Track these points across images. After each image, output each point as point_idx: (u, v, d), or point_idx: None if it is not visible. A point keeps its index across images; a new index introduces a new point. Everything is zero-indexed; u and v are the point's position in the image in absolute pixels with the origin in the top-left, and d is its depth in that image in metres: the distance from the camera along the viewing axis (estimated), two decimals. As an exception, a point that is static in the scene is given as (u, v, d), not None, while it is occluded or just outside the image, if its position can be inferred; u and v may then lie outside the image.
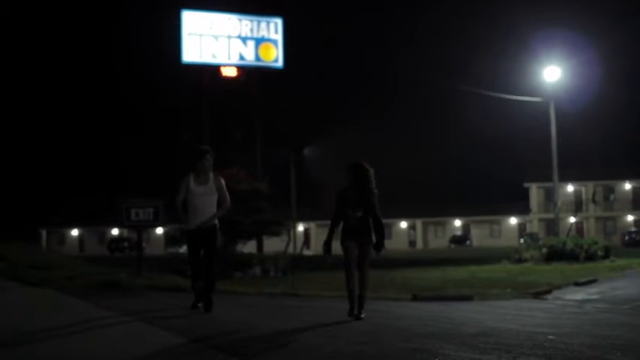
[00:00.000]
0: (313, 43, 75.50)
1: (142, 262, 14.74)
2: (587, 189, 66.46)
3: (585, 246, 25.48)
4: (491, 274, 19.41)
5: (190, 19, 31.16)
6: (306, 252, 46.69)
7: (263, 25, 31.85)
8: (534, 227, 66.55)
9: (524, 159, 68.72)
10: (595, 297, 13.97)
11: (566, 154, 37.27)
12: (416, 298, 12.74)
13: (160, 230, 59.40)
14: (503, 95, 38.46)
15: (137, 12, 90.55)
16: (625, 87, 73.82)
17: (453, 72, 76.68)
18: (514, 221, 72.69)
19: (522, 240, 46.29)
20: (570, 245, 25.29)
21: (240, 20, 31.65)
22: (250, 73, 31.80)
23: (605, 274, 19.26)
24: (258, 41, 31.67)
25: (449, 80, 77.79)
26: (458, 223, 75.30)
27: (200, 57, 31.01)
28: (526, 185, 69.49)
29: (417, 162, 73.64)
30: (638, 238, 56.46)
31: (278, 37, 31.99)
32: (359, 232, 8.54)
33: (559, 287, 15.43)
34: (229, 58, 31.25)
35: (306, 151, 60.95)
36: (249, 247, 25.61)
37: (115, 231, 71.11)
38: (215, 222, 9.36)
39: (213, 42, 31.10)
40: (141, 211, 14.31)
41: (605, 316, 10.57)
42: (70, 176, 74.84)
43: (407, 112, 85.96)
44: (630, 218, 67.11)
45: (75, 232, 79.24)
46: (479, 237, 72.54)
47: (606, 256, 25.68)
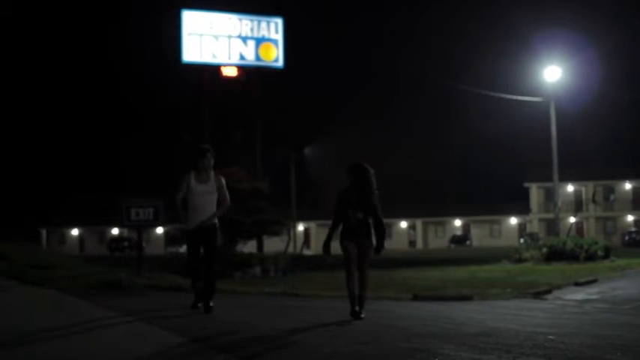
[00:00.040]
0: (313, 43, 75.54)
1: (142, 262, 14.76)
2: (587, 189, 66.46)
3: (585, 246, 25.47)
4: (491, 274, 19.41)
5: (190, 19, 31.15)
6: (306, 252, 46.66)
7: (263, 25, 31.85)
8: (534, 227, 66.54)
9: (524, 159, 68.80)
10: (595, 297, 13.97)
11: (566, 154, 37.29)
12: (416, 298, 12.74)
13: (160, 230, 59.39)
14: (503, 95, 38.47)
15: (137, 12, 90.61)
16: (625, 87, 73.87)
17: (454, 72, 76.75)
18: (514, 221, 72.70)
19: (522, 240, 46.25)
20: (570, 245, 25.28)
21: (240, 20, 31.65)
22: (250, 73, 31.79)
23: (605, 274, 19.26)
24: (258, 41, 31.66)
25: (449, 80, 77.81)
26: (458, 223, 75.30)
27: (200, 57, 31.01)
28: (526, 185, 69.49)
29: (417, 162, 73.67)
30: (638, 238, 56.44)
31: (278, 37, 31.98)
32: (359, 234, 8.50)
33: (559, 287, 15.43)
34: (230, 58, 31.24)
35: (306, 151, 61.00)
36: (249, 247, 25.60)
37: (115, 231, 71.10)
38: (215, 221, 9.29)
39: (213, 42, 31.10)
40: (141, 211, 14.34)
41: (605, 316, 10.58)
42: (71, 176, 74.90)
43: (407, 112, 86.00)
44: (630, 218, 67.10)
45: (75, 232, 79.25)
46: (479, 237, 72.54)
47: (606, 256, 25.68)
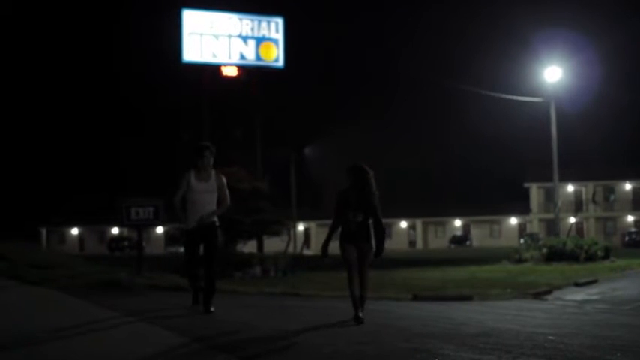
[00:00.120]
0: (314, 43, 75.53)
1: (142, 262, 14.77)
2: (587, 189, 66.45)
3: (585, 246, 25.46)
4: (491, 274, 19.41)
5: (191, 19, 31.15)
6: (306, 252, 46.68)
7: (264, 25, 31.85)
8: (534, 227, 66.53)
9: (524, 159, 68.77)
10: (595, 297, 13.97)
11: (566, 155, 37.28)
12: (416, 298, 12.74)
13: (160, 229, 59.41)
14: (503, 95, 38.46)
15: (137, 12, 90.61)
16: (625, 87, 73.79)
17: (454, 72, 76.72)
18: (514, 221, 72.68)
19: (522, 240, 46.23)
20: (570, 245, 25.28)
21: (240, 20, 31.65)
22: (251, 73, 31.79)
23: (605, 275, 19.26)
24: (258, 41, 31.66)
25: (449, 80, 77.77)
26: (458, 223, 75.30)
27: (200, 56, 31.00)
28: (526, 185, 69.47)
29: (417, 162, 73.68)
30: (638, 239, 56.41)
31: (279, 37, 31.98)
32: (358, 237, 8.41)
33: (559, 287, 15.43)
34: (230, 58, 31.24)
35: (306, 151, 61.03)
36: (249, 247, 25.59)
37: (115, 230, 71.08)
38: (215, 220, 9.15)
39: (213, 41, 31.09)
40: (141, 211, 14.35)
41: (605, 317, 10.57)
42: (71, 175, 74.94)
43: (407, 112, 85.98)
44: (630, 219, 67.09)
45: (75, 231, 79.26)
46: (479, 237, 72.53)
47: (606, 257, 25.68)
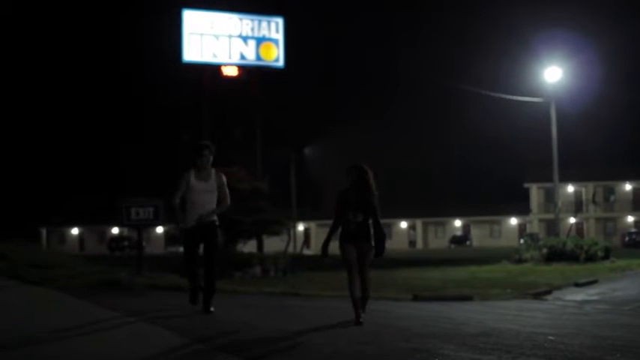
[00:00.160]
0: (314, 43, 75.56)
1: (142, 261, 14.76)
2: (587, 189, 66.44)
3: (585, 247, 25.45)
4: (491, 275, 19.40)
5: (191, 19, 31.16)
6: (306, 251, 46.67)
7: (264, 25, 31.86)
8: (534, 228, 66.53)
9: (524, 159, 68.78)
10: (595, 298, 13.97)
11: (566, 155, 37.25)
12: (416, 298, 12.73)
13: (160, 229, 59.39)
14: (504, 95, 38.43)
15: (138, 11, 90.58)
16: (626, 87, 73.72)
17: (454, 72, 76.65)
18: (514, 221, 72.69)
19: (522, 240, 46.28)
20: (570, 246, 25.27)
21: (241, 20, 31.66)
22: (251, 73, 31.80)
23: (605, 275, 19.25)
24: (259, 40, 31.67)
25: (449, 80, 77.79)
26: (458, 223, 75.31)
27: (201, 56, 31.02)
28: (526, 185, 69.47)
29: (417, 162, 73.69)
30: (638, 239, 56.39)
31: (279, 37, 32.00)
32: (358, 237, 8.36)
33: (559, 288, 15.43)
34: (230, 58, 31.25)
35: (306, 151, 61.02)
36: (249, 247, 25.59)
37: (115, 230, 71.05)
38: (215, 219, 9.03)
39: (214, 41, 31.10)
40: (141, 210, 14.35)
41: (605, 317, 10.57)
42: (71, 175, 74.94)
43: (407, 112, 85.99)
44: (630, 219, 67.09)
45: (75, 231, 79.25)
46: (479, 237, 72.53)
47: (606, 257, 25.67)
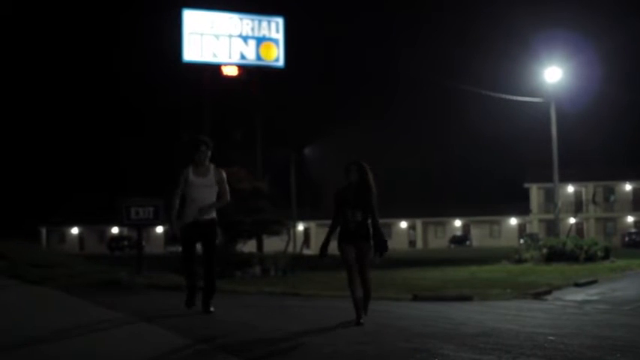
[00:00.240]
0: (314, 43, 75.57)
1: (142, 261, 14.78)
2: (587, 190, 66.46)
3: (585, 247, 25.43)
4: (491, 275, 19.38)
5: (191, 18, 31.16)
6: (306, 251, 46.66)
7: (264, 25, 31.86)
8: (534, 228, 66.53)
9: (524, 159, 68.81)
10: (595, 298, 13.96)
11: (566, 155, 37.25)
12: (416, 298, 12.72)
13: (160, 229, 59.41)
14: (504, 95, 38.41)
15: (138, 11, 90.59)
16: (625, 87, 73.83)
17: (454, 72, 76.69)
18: (514, 222, 72.71)
19: (522, 240, 46.23)
20: (570, 246, 25.24)
21: (241, 19, 31.66)
22: (251, 73, 31.78)
23: (605, 275, 19.23)
24: (259, 40, 31.67)
25: (449, 80, 77.80)
26: (458, 224, 75.32)
27: (201, 56, 31.02)
28: (526, 186, 69.49)
29: (417, 162, 73.73)
30: (638, 239, 56.44)
31: (279, 37, 31.99)
32: (357, 237, 8.27)
33: (559, 288, 15.41)
34: (230, 57, 31.25)
35: (306, 151, 61.01)
36: (249, 247, 25.59)
37: (115, 230, 71.06)
38: (213, 216, 8.89)
39: (214, 41, 31.10)
40: (141, 210, 14.38)
41: (605, 317, 10.56)
42: (71, 175, 74.92)
43: (407, 112, 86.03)
44: (630, 219, 67.11)
45: (75, 231, 79.25)
46: (479, 237, 72.55)
47: (606, 257, 25.65)
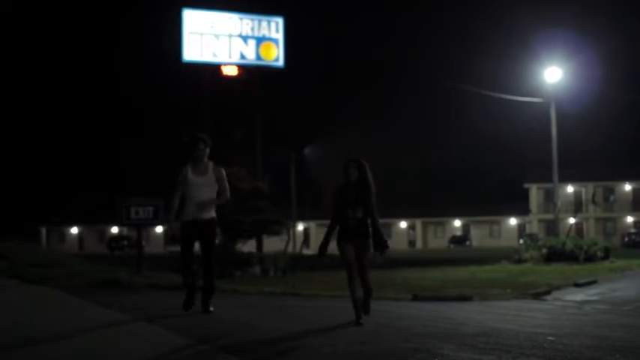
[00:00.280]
0: (314, 43, 75.56)
1: (142, 261, 14.79)
2: (587, 190, 66.47)
3: (585, 247, 25.40)
4: (491, 275, 19.36)
5: (191, 18, 31.13)
6: (305, 251, 46.66)
7: (264, 24, 31.84)
8: (534, 228, 66.56)
9: (524, 159, 68.82)
10: (595, 298, 13.95)
11: (566, 155, 37.24)
12: (416, 298, 12.72)
13: (160, 229, 59.38)
14: (503, 96, 38.41)
15: (138, 11, 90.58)
16: (625, 87, 73.82)
17: (454, 72, 76.68)
18: (514, 222, 72.72)
19: (522, 240, 46.31)
20: (570, 246, 25.23)
21: (241, 19, 31.64)
22: (251, 72, 31.75)
23: (604, 275, 19.22)
24: (259, 40, 31.65)
25: (449, 80, 77.79)
26: (458, 224, 75.33)
27: (201, 56, 30.99)
28: (526, 186, 69.50)
29: (417, 162, 73.73)
30: (637, 240, 56.44)
31: (279, 37, 31.97)
32: (357, 235, 8.16)
33: (559, 288, 15.39)
34: (230, 57, 31.22)
35: (306, 151, 61.01)
36: (248, 247, 25.58)
37: (115, 229, 71.05)
38: (213, 215, 8.81)
39: (214, 41, 31.08)
40: (141, 210, 14.40)
41: (604, 317, 10.56)
42: (70, 175, 74.93)
43: (407, 112, 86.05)
44: (630, 219, 67.11)
45: (75, 230, 79.24)
46: (478, 237, 72.55)
47: (606, 257, 25.63)
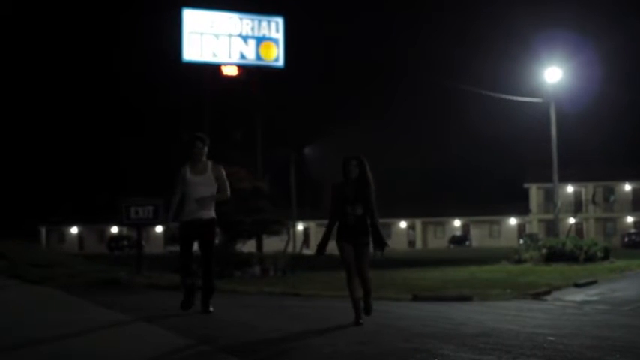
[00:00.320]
0: (314, 43, 75.55)
1: (142, 261, 14.81)
2: (587, 190, 66.47)
3: (585, 247, 25.40)
4: (491, 275, 19.36)
5: (191, 18, 31.13)
6: (305, 251, 46.67)
7: (264, 24, 31.84)
8: (534, 228, 66.54)
9: (524, 159, 68.82)
10: (595, 298, 13.95)
11: (566, 155, 37.25)
12: (416, 298, 12.71)
13: (160, 228, 59.37)
14: (503, 96, 38.39)
15: (138, 11, 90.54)
16: (625, 87, 73.85)
17: (454, 72, 76.69)
18: (514, 222, 72.71)
19: (522, 240, 46.26)
20: (570, 246, 25.22)
21: (241, 19, 31.63)
22: (251, 72, 31.75)
23: (604, 276, 19.22)
24: (259, 40, 31.64)
25: (449, 80, 77.79)
26: (457, 224, 75.32)
27: (201, 56, 30.98)
28: (526, 186, 69.50)
29: (417, 162, 73.73)
30: (637, 240, 56.44)
31: (279, 37, 31.96)
32: (356, 232, 8.07)
33: (559, 288, 15.39)
34: (230, 57, 31.21)
35: (306, 151, 61.02)
36: (248, 246, 25.58)
37: (115, 229, 71.07)
38: (213, 216, 8.74)
39: (214, 41, 31.07)
40: (141, 210, 14.42)
41: (604, 318, 10.56)
42: (71, 174, 74.92)
43: (407, 112, 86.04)
44: (630, 219, 67.11)
45: (75, 230, 79.25)
46: (478, 237, 72.56)
47: (606, 258, 25.63)
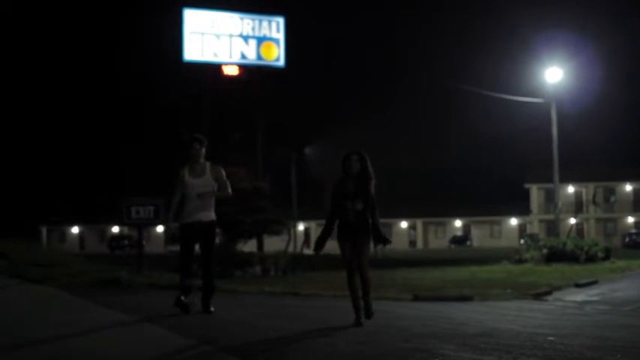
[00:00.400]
0: (314, 43, 75.57)
1: (143, 260, 14.81)
2: (587, 190, 66.43)
3: (585, 247, 25.40)
4: (491, 275, 19.36)
5: (192, 18, 31.13)
6: (306, 251, 46.66)
7: (265, 24, 31.84)
8: (535, 228, 66.49)
9: (524, 160, 68.77)
10: (595, 298, 13.95)
11: (567, 155, 37.21)
12: (416, 298, 12.71)
13: (160, 228, 59.36)
14: (504, 96, 38.40)
15: (138, 11, 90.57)
16: (626, 87, 73.73)
17: (454, 72, 76.63)
18: (514, 222, 72.69)
19: (522, 241, 46.21)
20: (570, 246, 25.22)
21: (242, 19, 31.64)
22: (252, 72, 31.76)
23: (605, 276, 19.22)
24: (259, 40, 31.64)
25: (450, 80, 77.75)
26: (458, 224, 75.32)
27: (201, 55, 30.98)
28: (527, 186, 69.48)
29: (417, 162, 73.65)
30: (638, 240, 56.38)
31: (280, 36, 31.96)
32: (356, 229, 7.98)
33: (559, 288, 15.39)
34: (231, 57, 31.21)
35: (306, 151, 61.00)
36: (249, 246, 25.59)
37: (116, 229, 71.08)
38: (213, 217, 8.69)
39: (214, 40, 31.07)
40: (141, 210, 14.43)
41: (605, 318, 10.56)
42: (71, 174, 74.95)
43: (407, 112, 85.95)
44: (631, 220, 67.09)
45: (75, 230, 79.27)
46: (479, 237, 72.55)
47: (606, 258, 25.63)
